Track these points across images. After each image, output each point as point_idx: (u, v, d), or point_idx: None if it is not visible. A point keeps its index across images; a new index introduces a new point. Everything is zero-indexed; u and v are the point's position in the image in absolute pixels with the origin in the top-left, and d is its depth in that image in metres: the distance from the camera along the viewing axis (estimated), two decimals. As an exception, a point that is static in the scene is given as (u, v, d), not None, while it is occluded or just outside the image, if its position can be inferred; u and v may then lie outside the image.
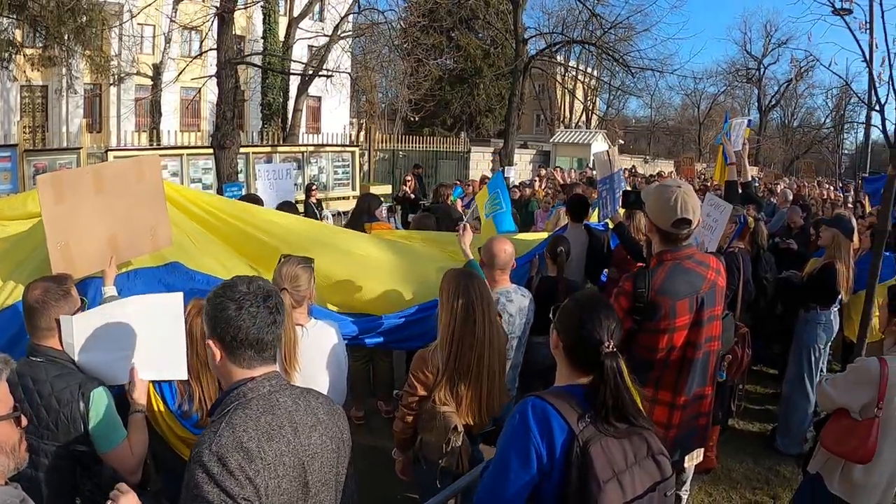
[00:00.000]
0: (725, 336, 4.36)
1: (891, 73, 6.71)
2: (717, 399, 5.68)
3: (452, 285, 3.77)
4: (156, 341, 3.31)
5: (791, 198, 12.42)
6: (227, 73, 12.31)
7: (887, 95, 6.24)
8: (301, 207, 15.40)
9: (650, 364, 3.61)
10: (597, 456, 2.30)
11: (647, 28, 33.24)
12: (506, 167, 21.95)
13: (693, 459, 4.97)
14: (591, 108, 52.01)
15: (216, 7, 13.12)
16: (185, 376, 3.40)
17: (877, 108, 6.56)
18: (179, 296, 3.37)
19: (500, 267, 4.64)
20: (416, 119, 40.95)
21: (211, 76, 13.46)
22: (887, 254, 8.15)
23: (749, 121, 9.42)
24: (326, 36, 24.75)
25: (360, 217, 6.44)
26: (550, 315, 2.74)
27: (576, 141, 32.34)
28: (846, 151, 59.64)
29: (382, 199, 8.01)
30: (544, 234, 7.01)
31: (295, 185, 19.64)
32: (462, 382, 3.69)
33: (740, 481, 6.09)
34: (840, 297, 6.42)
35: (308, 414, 2.26)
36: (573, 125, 46.40)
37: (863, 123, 30.97)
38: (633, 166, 31.13)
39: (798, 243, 8.63)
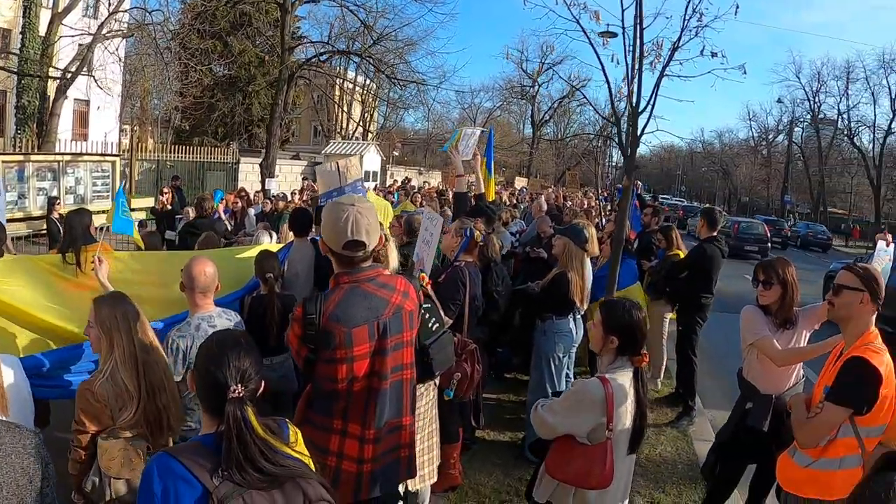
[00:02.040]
0: (443, 354, 4.19)
1: (628, 89, 6.93)
2: (455, 416, 5.61)
3: (116, 311, 3.54)
4: None
5: (545, 207, 12.73)
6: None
7: (624, 109, 6.42)
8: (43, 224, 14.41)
9: (334, 394, 3.30)
10: None
11: (416, 41, 33.54)
12: (267, 179, 21.52)
13: (423, 481, 4.81)
14: (368, 119, 52.26)
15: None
16: None
17: (612, 120, 6.76)
18: None
19: (200, 290, 4.36)
20: (188, 128, 39.47)
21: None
22: (630, 261, 8.49)
23: (483, 131, 9.48)
24: (91, 34, 23.15)
25: (76, 240, 5.79)
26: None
27: (347, 152, 32.19)
28: (616, 163, 63.80)
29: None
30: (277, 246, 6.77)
31: (50, 198, 18.31)
32: (149, 405, 3.46)
33: (489, 495, 5.96)
34: (577, 305, 6.44)
35: None
36: (351, 137, 46.54)
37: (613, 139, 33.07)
38: (407, 177, 31.56)
39: (548, 252, 8.77)
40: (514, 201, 20.01)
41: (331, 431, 3.33)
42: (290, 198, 16.46)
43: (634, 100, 6.68)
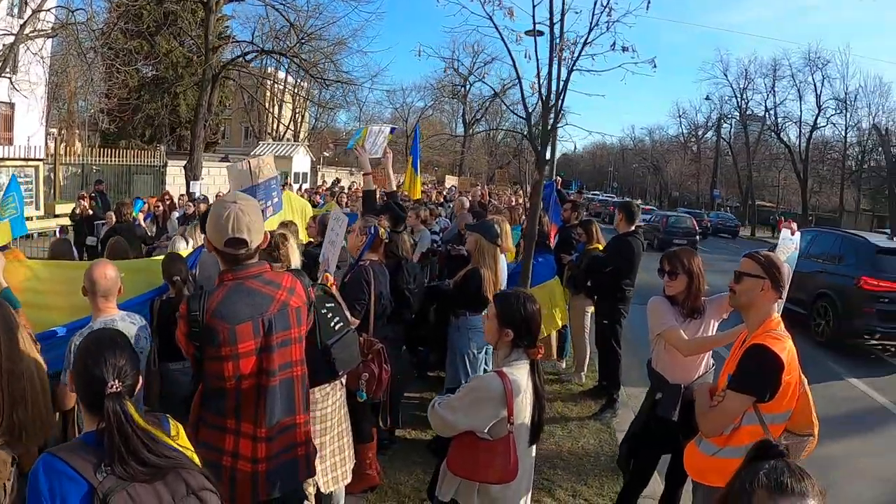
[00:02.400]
0: (346, 353, 4.15)
1: (538, 86, 6.95)
2: (368, 416, 5.56)
3: None
4: None
5: (467, 205, 12.69)
6: None
7: (535, 105, 6.41)
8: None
9: (224, 393, 3.29)
10: None
11: (344, 40, 33.25)
12: (192, 181, 21.17)
13: (337, 482, 4.75)
14: (299, 120, 51.80)
15: None
16: None
17: (524, 116, 6.77)
18: None
19: (102, 294, 4.29)
20: (115, 130, 38.67)
21: None
22: (548, 256, 8.51)
23: (392, 129, 9.40)
24: (14, 34, 22.37)
25: None
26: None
27: (276, 154, 31.77)
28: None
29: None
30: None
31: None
32: (14, 413, 3.30)
33: (409, 494, 5.91)
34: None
35: None
36: (282, 138, 46.08)
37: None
38: (337, 178, 31.41)
39: (469, 249, 8.77)
40: (442, 199, 19.98)
41: (224, 431, 3.31)
42: (211, 200, 16.19)
43: (545, 94, 6.72)
